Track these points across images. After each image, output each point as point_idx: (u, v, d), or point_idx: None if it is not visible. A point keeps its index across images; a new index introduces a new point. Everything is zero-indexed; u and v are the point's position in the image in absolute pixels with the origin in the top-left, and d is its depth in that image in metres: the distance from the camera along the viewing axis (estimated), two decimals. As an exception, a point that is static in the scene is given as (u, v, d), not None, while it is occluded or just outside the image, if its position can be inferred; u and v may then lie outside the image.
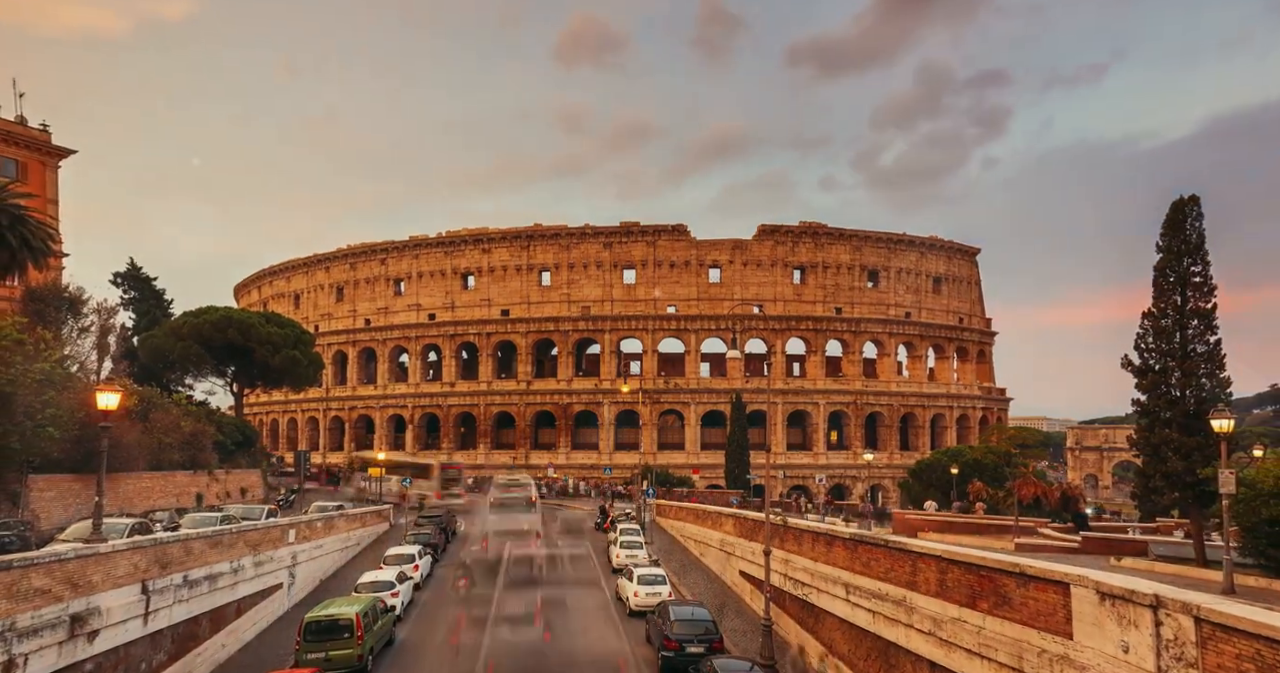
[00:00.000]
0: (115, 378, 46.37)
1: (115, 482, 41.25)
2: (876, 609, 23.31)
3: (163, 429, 48.33)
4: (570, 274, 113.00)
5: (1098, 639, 14.16)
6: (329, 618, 26.59)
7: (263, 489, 67.19)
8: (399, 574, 36.04)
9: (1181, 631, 12.28)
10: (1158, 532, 54.74)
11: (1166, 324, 40.21)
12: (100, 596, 20.79)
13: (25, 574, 17.94)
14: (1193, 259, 39.64)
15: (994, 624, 17.48)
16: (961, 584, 18.98)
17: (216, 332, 66.61)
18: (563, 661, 28.46)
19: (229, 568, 29.25)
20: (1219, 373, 39.31)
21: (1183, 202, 40.25)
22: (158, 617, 23.74)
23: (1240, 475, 34.72)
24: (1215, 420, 31.71)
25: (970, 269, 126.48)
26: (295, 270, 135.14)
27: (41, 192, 61.71)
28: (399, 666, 27.94)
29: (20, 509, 33.39)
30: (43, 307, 47.56)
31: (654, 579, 36.04)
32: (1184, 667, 12.22)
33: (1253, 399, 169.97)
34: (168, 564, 24.70)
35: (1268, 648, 10.73)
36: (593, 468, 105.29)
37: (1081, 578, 14.86)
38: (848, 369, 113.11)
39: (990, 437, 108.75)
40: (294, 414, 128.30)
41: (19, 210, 44.92)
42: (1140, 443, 42.37)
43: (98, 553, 21.09)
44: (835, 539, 27.92)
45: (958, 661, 18.62)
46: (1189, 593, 13.01)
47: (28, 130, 63.98)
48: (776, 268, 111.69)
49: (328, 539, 43.38)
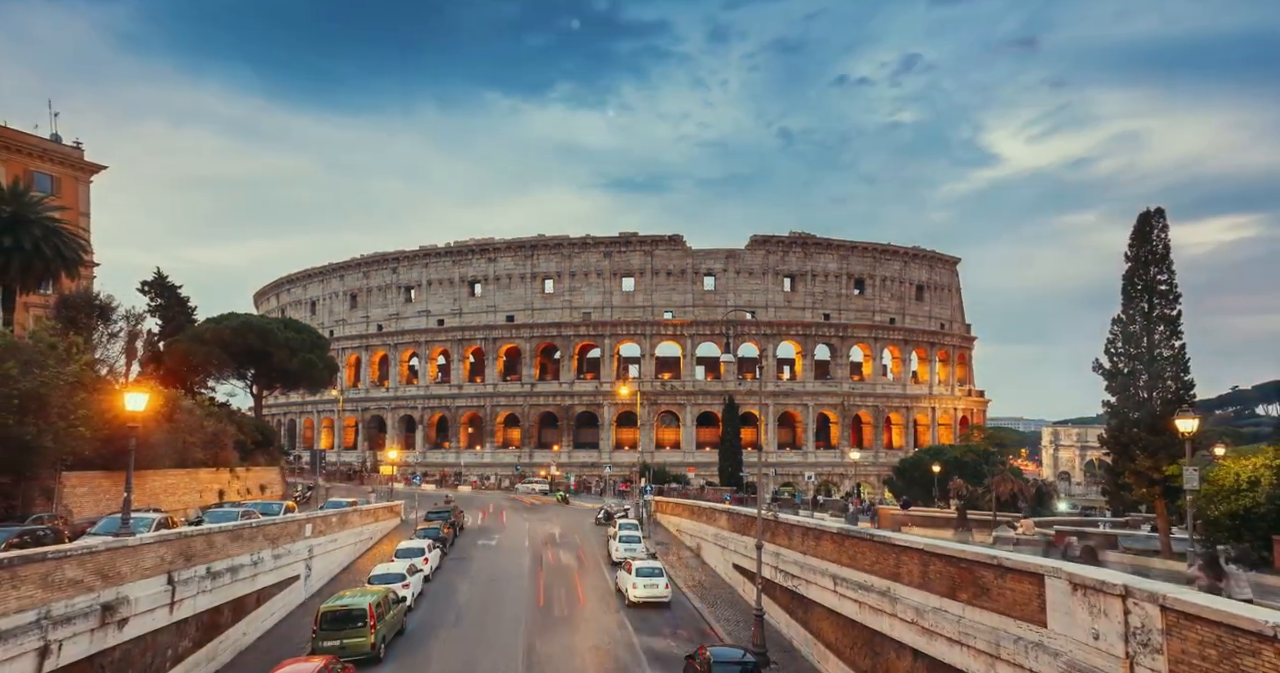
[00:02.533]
0: (142, 381, 46.37)
1: (142, 478, 41.15)
2: (862, 600, 23.30)
3: (186, 429, 48.26)
4: (572, 282, 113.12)
5: (1070, 627, 14.21)
6: (344, 608, 26.57)
7: (281, 486, 67.09)
8: (410, 567, 35.96)
9: (1149, 619, 12.35)
10: (1126, 525, 54.87)
11: (1134, 330, 40.36)
12: (129, 586, 20.81)
13: (59, 565, 17.97)
14: (1159, 268, 39.83)
15: (973, 614, 17.48)
16: (943, 576, 18.98)
17: (237, 337, 66.66)
18: (564, 647, 28.47)
19: (249, 560, 29.24)
20: (1184, 376, 39.45)
21: (1149, 214, 40.44)
22: (182, 606, 23.73)
23: (1203, 473, 34.87)
24: (1180, 421, 31.84)
25: (951, 277, 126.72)
26: (311, 278, 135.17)
27: (74, 205, 61.85)
28: (410, 653, 27.92)
29: (54, 504, 33.37)
30: (75, 313, 47.48)
31: (651, 572, 35.97)
32: (1150, 653, 12.29)
33: (1215, 400, 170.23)
34: (192, 557, 24.71)
35: (1228, 635, 10.81)
36: (594, 466, 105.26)
37: (1055, 570, 14.89)
38: (835, 372, 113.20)
39: (970, 437, 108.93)
40: (310, 415, 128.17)
41: (53, 223, 45.02)
42: (1110, 442, 42.51)
43: (126, 546, 21.12)
44: (823, 534, 27.92)
45: (939, 648, 18.63)
46: (1156, 583, 13.09)
47: (61, 148, 64.25)
48: (768, 276, 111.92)
49: (342, 534, 43.35)
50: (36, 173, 61.46)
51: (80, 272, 49.74)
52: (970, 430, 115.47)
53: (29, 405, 29.04)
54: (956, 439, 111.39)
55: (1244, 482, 34.49)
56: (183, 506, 44.79)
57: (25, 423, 28.74)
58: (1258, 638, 10.27)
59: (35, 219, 43.77)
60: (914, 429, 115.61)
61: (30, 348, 31.21)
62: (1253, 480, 34.22)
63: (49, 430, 29.39)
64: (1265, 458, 35.03)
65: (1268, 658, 10.13)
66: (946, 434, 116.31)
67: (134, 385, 28.50)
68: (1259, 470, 34.36)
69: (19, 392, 28.67)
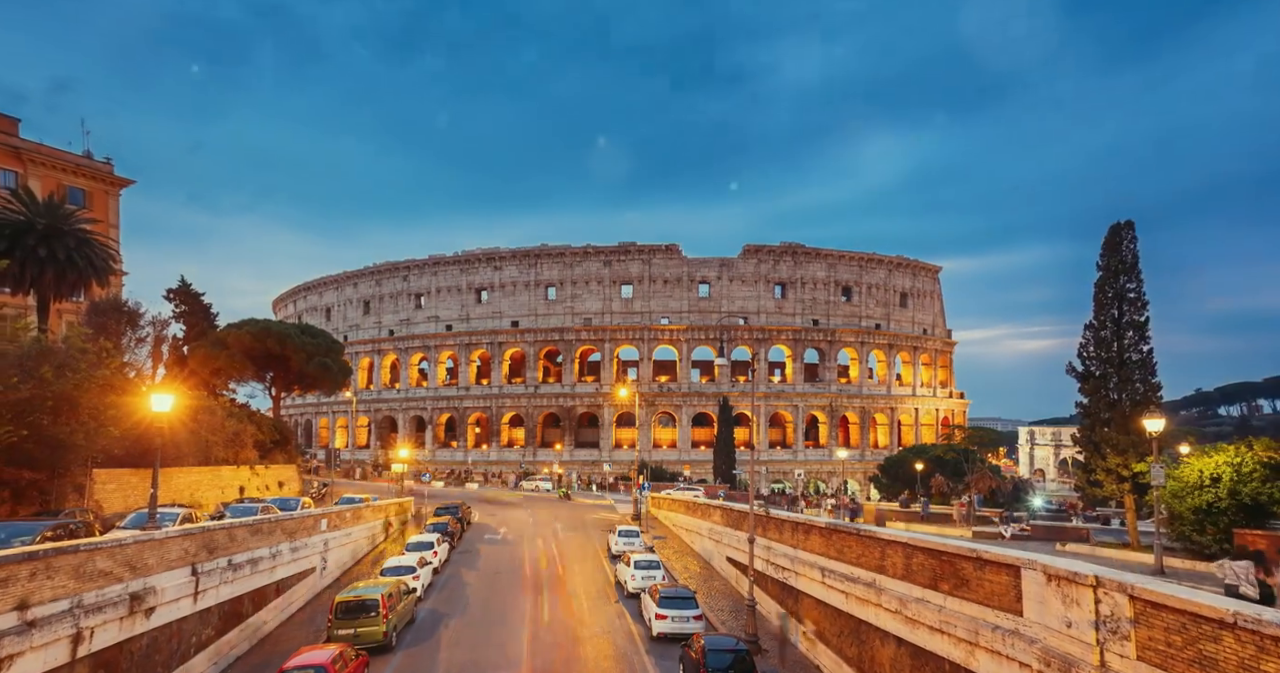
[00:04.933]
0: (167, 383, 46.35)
1: (167, 475, 41.14)
2: (849, 591, 23.35)
3: (209, 429, 48.23)
4: (573, 289, 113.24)
5: (1045, 616, 14.30)
6: (357, 599, 26.60)
7: (298, 483, 66.99)
8: (420, 560, 35.97)
9: (1118, 607, 12.45)
10: (1098, 520, 54.96)
11: (1105, 335, 40.56)
12: (156, 577, 20.84)
13: (90, 557, 18.02)
14: (1128, 277, 40.04)
15: (954, 604, 17.55)
16: (925, 568, 19.04)
17: (256, 341, 66.62)
18: (566, 635, 28.50)
19: (268, 553, 29.24)
20: (1151, 378, 39.64)
21: (1119, 226, 40.68)
22: (206, 596, 23.76)
23: (1169, 471, 35.02)
24: (1148, 421, 32.01)
25: (933, 285, 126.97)
26: (327, 286, 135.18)
27: (104, 217, 62.09)
28: (420, 641, 27.95)
29: (85, 499, 33.36)
30: (104, 319, 47.46)
31: (649, 565, 35.97)
32: (1119, 640, 12.39)
33: (1181, 401, 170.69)
34: (214, 549, 24.73)
35: (1191, 622, 10.93)
36: (594, 464, 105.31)
37: (1031, 562, 14.97)
38: (824, 375, 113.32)
39: (952, 436, 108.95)
40: (325, 415, 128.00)
41: (84, 235, 45.07)
42: (1083, 441, 42.68)
43: (153, 539, 21.14)
44: (812, 528, 27.92)
45: (921, 636, 18.69)
46: (1125, 574, 13.18)
47: (93, 163, 64.64)
48: (760, 283, 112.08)
49: (355, 528, 43.28)
50: (70, 187, 61.80)
51: (109, 280, 49.81)
52: (951, 430, 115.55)
53: (62, 406, 29.06)
54: (939, 438, 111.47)
55: (1207, 478, 34.68)
56: (205, 501, 44.75)
57: (59, 423, 28.75)
58: (1219, 625, 10.39)
59: (68, 231, 43.80)
60: (898, 429, 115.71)
61: (63, 352, 31.20)
62: (1215, 477, 34.41)
63: (80, 430, 29.38)
64: (1227, 456, 35.20)
65: (1228, 644, 10.25)
66: (929, 434, 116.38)
67: (160, 387, 28.52)
68: (1221, 468, 34.54)
69: (52, 393, 28.70)
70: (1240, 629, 10.02)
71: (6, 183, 57.57)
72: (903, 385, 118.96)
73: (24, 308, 52.81)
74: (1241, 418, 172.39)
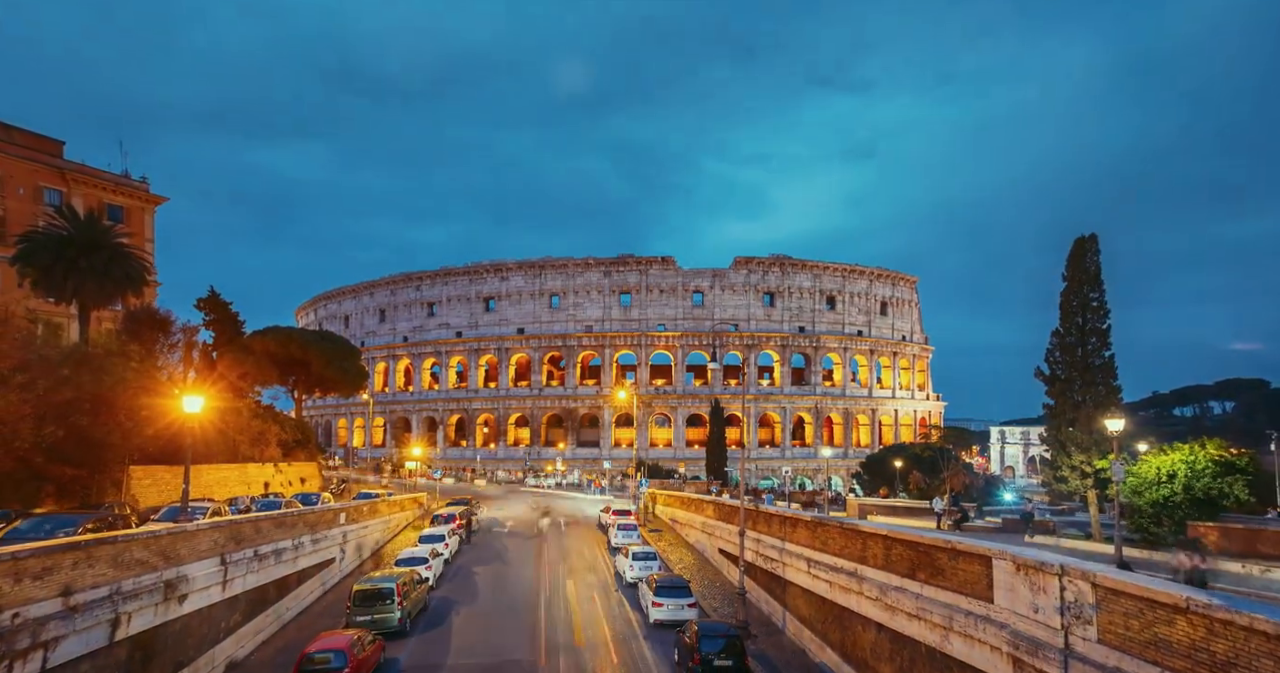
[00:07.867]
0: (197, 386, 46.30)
1: (198, 472, 41.07)
2: (833, 580, 23.43)
3: (236, 428, 48.24)
4: (575, 298, 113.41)
5: (1014, 602, 14.42)
6: (374, 588, 26.65)
7: (318, 479, 66.89)
8: (432, 551, 35.97)
9: (1081, 594, 12.58)
10: (1063, 513, 55.08)
11: (1070, 341, 40.76)
12: (187, 566, 20.90)
13: (128, 547, 18.09)
14: (1091, 287, 40.26)
15: (930, 592, 17.65)
16: (903, 559, 19.14)
17: (280, 347, 66.66)
18: (569, 622, 28.54)
19: (291, 544, 29.27)
20: (1113, 381, 39.83)
21: (1084, 239, 40.92)
22: (234, 584, 23.80)
23: (1128, 468, 35.21)
24: (1109, 421, 32.19)
25: (911, 294, 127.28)
26: (345, 295, 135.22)
27: (140, 232, 62.35)
28: (433, 626, 27.98)
29: (122, 494, 33.37)
30: (139, 327, 47.49)
31: (646, 556, 35.95)
32: (1083, 624, 12.53)
33: (1140, 403, 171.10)
34: (241, 541, 24.77)
35: (1148, 607, 11.08)
36: (595, 462, 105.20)
37: (1001, 552, 15.11)
38: (810, 379, 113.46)
39: (929, 436, 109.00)
40: (344, 416, 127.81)
41: (122, 248, 45.26)
42: (1050, 439, 42.85)
43: (185, 531, 21.22)
44: (799, 521, 28.02)
45: (900, 622, 18.79)
46: (1088, 564, 13.32)
47: (130, 182, 65.23)
48: (749, 293, 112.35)
49: (372, 521, 43.29)
50: (109, 204, 62.14)
51: (144, 291, 49.92)
52: (929, 430, 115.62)
53: (100, 408, 29.16)
54: (916, 438, 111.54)
55: (1163, 475, 34.90)
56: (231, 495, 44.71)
57: (97, 424, 28.85)
58: (1173, 610, 10.54)
59: (107, 245, 43.95)
60: (879, 429, 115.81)
61: (100, 357, 31.32)
62: (1171, 474, 34.64)
63: (117, 429, 29.48)
64: (1181, 454, 35.41)
65: (1181, 627, 10.40)
66: (908, 433, 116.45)
67: (190, 389, 28.61)
68: (1176, 465, 34.76)
69: (89, 395, 28.79)
70: (1193, 613, 10.17)
71: (52, 201, 57.92)
72: (883, 388, 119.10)
73: (68, 317, 53.06)
74: (1194, 418, 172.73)
